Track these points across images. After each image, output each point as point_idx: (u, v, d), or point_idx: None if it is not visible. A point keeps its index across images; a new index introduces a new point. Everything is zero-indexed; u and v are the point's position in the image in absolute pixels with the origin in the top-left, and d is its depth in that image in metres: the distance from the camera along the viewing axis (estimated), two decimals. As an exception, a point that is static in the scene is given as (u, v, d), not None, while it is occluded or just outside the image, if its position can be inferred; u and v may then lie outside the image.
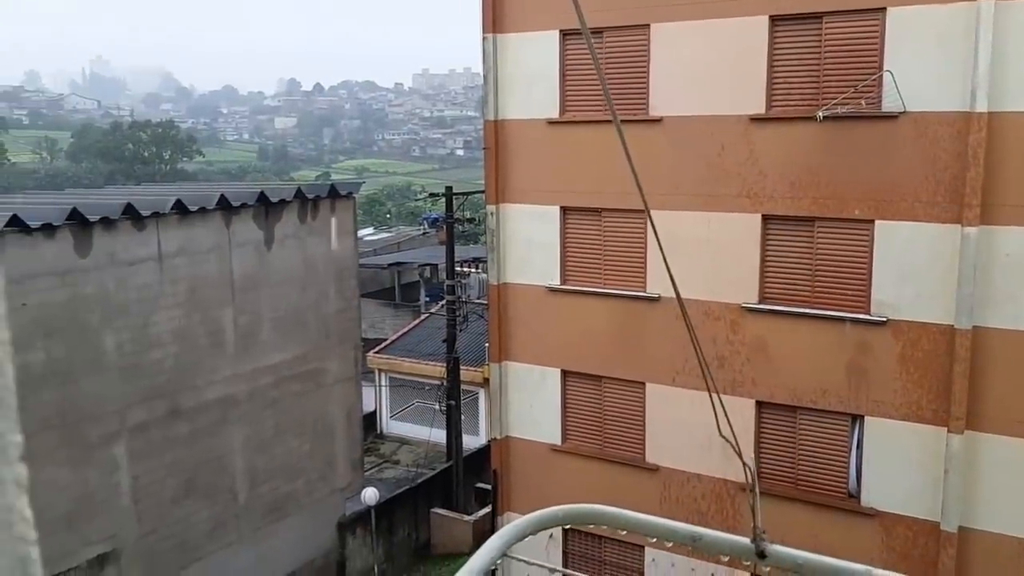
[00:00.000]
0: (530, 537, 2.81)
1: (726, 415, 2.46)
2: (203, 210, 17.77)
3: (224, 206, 18.14)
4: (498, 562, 2.56)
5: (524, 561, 2.83)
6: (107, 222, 15.99)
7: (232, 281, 18.43)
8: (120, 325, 16.29)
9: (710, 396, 2.51)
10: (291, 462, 20.14)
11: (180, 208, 17.23)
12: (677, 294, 2.79)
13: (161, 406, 17.20)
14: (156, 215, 16.82)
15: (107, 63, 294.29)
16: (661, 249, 3.01)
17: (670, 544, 2.59)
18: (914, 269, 13.90)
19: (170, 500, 17.52)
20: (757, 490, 2.56)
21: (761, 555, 2.42)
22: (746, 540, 2.49)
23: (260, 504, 19.50)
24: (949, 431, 13.76)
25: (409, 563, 24.16)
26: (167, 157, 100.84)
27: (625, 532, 2.62)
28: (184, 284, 17.44)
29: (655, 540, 2.65)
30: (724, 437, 2.35)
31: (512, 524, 2.69)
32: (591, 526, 2.84)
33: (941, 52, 13.27)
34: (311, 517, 20.84)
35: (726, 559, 2.51)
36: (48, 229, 15.03)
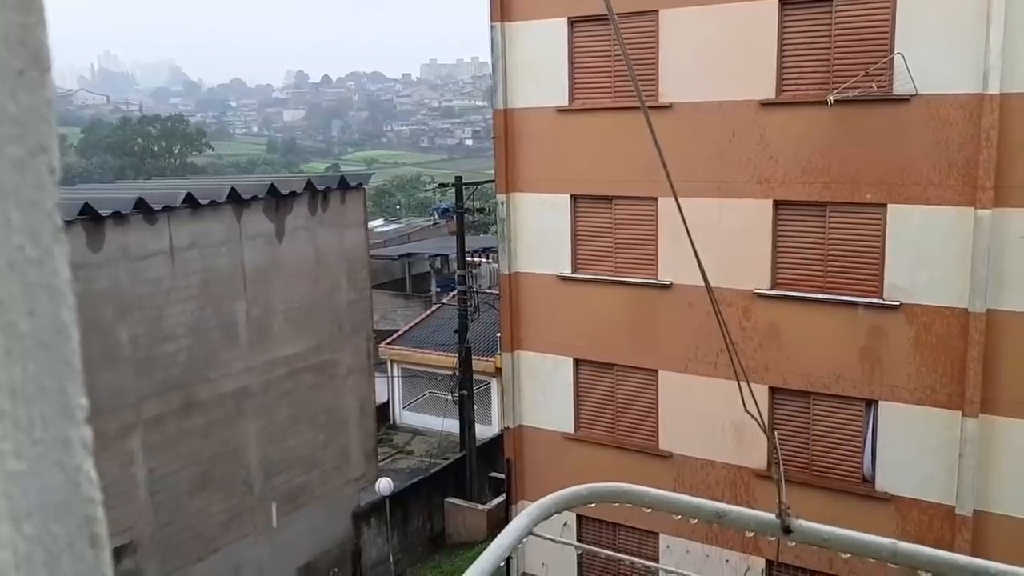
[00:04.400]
0: (544, 523, 2.82)
1: (751, 392, 2.46)
2: (214, 203, 17.84)
3: (235, 199, 18.20)
4: (524, 540, 2.58)
5: (550, 539, 2.85)
6: (119, 217, 16.07)
7: (244, 274, 18.49)
8: (134, 319, 16.38)
9: (735, 373, 2.52)
10: (305, 453, 20.23)
11: (191, 202, 17.30)
12: (706, 281, 2.80)
13: (176, 399, 17.30)
14: (167, 209, 16.89)
15: (115, 58, 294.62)
16: (690, 236, 3.01)
17: (695, 521, 2.60)
18: (927, 253, 13.84)
19: (186, 492, 17.64)
20: (782, 465, 2.56)
21: (787, 530, 2.43)
22: (771, 516, 2.49)
23: (275, 495, 19.60)
24: (964, 415, 13.73)
25: (424, 553, 24.25)
26: (177, 151, 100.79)
27: (650, 511, 2.64)
28: (196, 277, 17.52)
29: (679, 518, 2.66)
30: (749, 412, 2.35)
31: (538, 503, 2.70)
32: (610, 509, 2.85)
33: (953, 33, 13.18)
34: (326, 508, 20.94)
35: (749, 535, 2.51)
36: (61, 224, 15.09)
